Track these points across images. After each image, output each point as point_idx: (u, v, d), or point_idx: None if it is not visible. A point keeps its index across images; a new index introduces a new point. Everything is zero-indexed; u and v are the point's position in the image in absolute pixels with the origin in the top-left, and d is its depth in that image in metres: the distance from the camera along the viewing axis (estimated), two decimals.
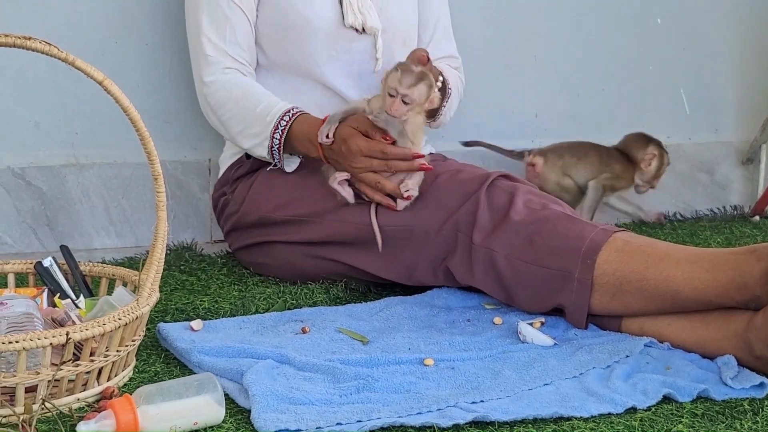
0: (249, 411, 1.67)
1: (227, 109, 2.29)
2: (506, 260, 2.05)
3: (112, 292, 1.91)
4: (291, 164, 2.30)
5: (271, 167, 2.32)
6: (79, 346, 1.66)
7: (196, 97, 2.60)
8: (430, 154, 2.49)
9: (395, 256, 2.18)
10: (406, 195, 2.13)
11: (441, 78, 2.33)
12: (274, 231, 2.29)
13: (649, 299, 1.95)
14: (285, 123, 2.22)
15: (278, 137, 2.22)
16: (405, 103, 2.08)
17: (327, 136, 2.15)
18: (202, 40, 2.31)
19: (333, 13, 2.34)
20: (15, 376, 1.60)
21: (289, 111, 2.23)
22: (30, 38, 1.64)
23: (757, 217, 3.05)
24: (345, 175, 2.17)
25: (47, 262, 2.02)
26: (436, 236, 2.13)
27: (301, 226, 2.25)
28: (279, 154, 2.25)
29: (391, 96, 2.09)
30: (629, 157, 2.85)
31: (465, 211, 2.11)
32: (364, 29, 2.34)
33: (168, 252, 2.50)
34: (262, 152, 2.27)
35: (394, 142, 2.14)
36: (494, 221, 2.09)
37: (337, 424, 1.62)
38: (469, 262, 2.10)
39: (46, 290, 1.96)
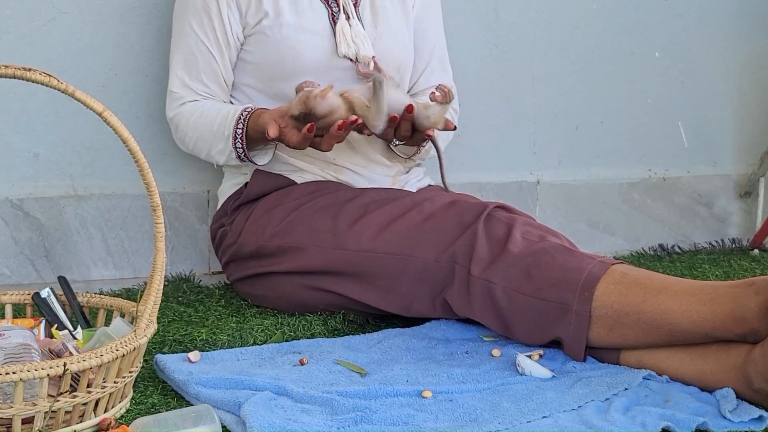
0: None
1: (189, 137, 2.36)
2: (504, 292, 2.05)
3: (110, 323, 1.91)
4: (266, 156, 2.35)
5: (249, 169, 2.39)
6: (76, 377, 1.66)
7: None
8: (429, 186, 2.49)
9: (393, 288, 2.17)
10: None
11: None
12: (271, 261, 2.29)
13: (647, 332, 1.94)
14: (241, 130, 2.25)
15: (240, 145, 2.27)
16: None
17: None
18: (171, 77, 2.39)
19: (327, 44, 2.35)
20: (12, 407, 1.59)
21: (240, 117, 2.26)
22: (30, 69, 1.65)
23: (755, 251, 3.05)
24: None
25: (45, 292, 2.02)
26: (434, 267, 2.13)
27: (297, 253, 2.25)
28: (249, 159, 2.30)
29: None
30: None
31: (463, 242, 2.12)
32: (357, 59, 2.36)
33: (166, 283, 2.49)
34: (237, 163, 2.33)
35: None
36: (492, 253, 2.09)
37: None
38: (467, 293, 2.10)
39: (44, 321, 1.96)
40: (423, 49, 2.52)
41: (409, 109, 2.20)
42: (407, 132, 2.24)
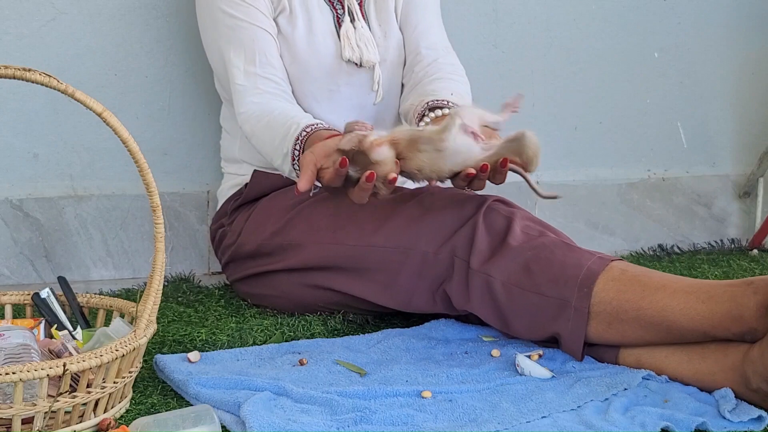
0: None
1: (255, 141, 2.25)
2: (503, 286, 2.05)
3: (110, 324, 1.91)
4: None
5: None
6: (75, 378, 1.66)
7: (195, 129, 2.62)
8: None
9: (392, 283, 2.17)
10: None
11: None
12: (271, 260, 2.28)
13: (645, 329, 1.94)
14: (298, 152, 2.13)
15: (298, 167, 2.13)
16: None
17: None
18: (232, 72, 2.28)
19: (333, 48, 2.35)
20: (11, 407, 1.59)
21: (299, 138, 2.14)
22: (30, 70, 1.65)
23: (754, 251, 3.05)
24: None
25: (44, 293, 2.02)
26: (434, 260, 2.12)
27: (296, 250, 2.24)
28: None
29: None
30: None
31: (462, 234, 2.11)
32: (361, 63, 2.35)
33: (165, 283, 2.50)
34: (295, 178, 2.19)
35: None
36: (492, 246, 2.08)
37: None
38: (466, 287, 2.09)
39: (43, 321, 1.96)
40: (413, 14, 2.46)
41: (484, 168, 1.99)
42: (482, 186, 2.05)
